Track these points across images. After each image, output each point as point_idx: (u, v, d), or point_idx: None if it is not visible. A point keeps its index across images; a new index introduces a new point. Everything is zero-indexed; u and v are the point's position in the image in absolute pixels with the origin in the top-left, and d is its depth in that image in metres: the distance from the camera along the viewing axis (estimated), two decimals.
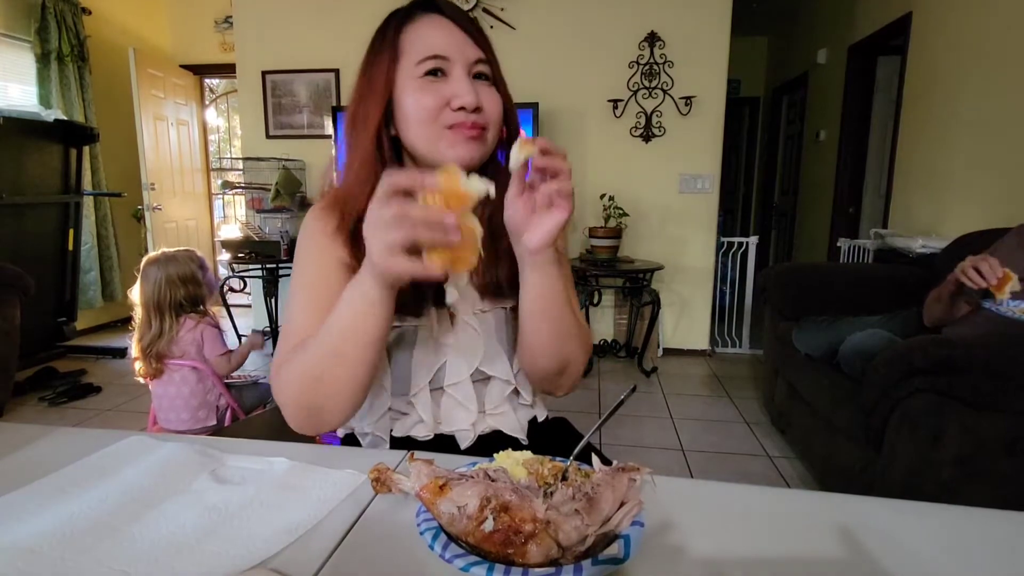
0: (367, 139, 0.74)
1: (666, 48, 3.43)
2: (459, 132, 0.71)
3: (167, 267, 1.80)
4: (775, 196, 5.75)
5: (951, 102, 2.90)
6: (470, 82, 0.71)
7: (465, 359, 0.80)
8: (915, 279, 2.34)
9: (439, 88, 0.71)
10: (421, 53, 0.71)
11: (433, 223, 0.50)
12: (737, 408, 2.79)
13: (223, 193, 4.13)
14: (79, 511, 0.55)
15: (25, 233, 3.18)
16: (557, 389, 0.81)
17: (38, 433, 0.74)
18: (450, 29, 0.72)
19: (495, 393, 0.83)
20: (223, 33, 4.57)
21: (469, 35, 0.72)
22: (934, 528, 0.55)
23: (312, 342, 0.65)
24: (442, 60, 0.70)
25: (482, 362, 0.80)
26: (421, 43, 0.71)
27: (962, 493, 1.42)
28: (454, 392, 0.80)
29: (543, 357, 0.74)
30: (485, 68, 0.73)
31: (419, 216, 0.51)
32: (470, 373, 0.80)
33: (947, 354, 1.40)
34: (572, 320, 0.73)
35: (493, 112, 0.73)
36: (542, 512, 0.44)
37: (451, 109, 0.70)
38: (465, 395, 0.81)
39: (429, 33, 0.72)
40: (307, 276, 0.76)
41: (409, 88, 0.71)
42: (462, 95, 0.69)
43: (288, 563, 0.48)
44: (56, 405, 2.78)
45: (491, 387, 0.83)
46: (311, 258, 0.77)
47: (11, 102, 3.45)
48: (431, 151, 0.72)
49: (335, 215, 0.76)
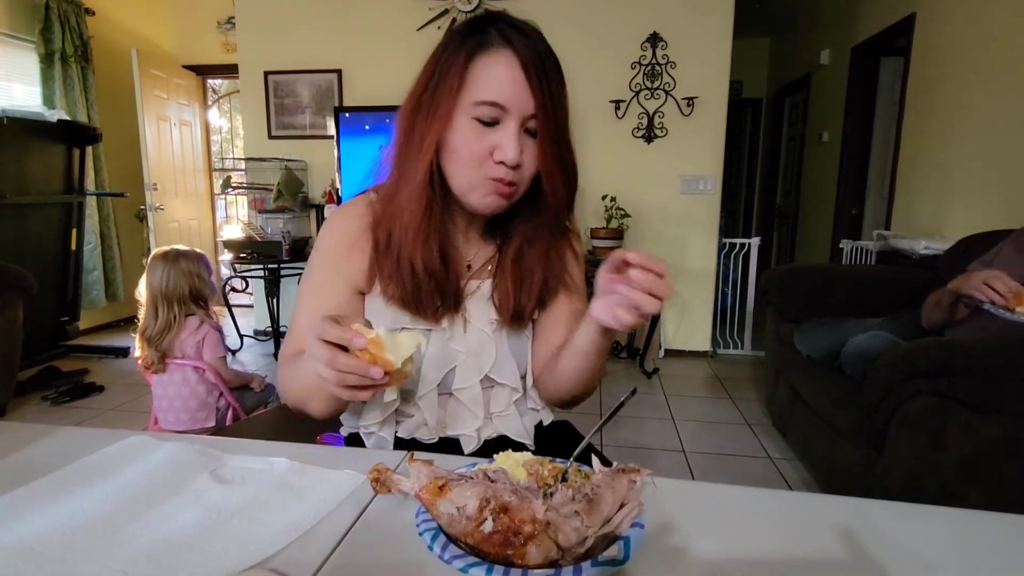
0: (423, 163, 0.72)
1: (668, 49, 3.43)
2: (495, 186, 0.71)
3: (177, 261, 1.83)
4: (777, 197, 5.74)
5: (954, 103, 2.89)
6: (518, 138, 0.69)
7: (475, 365, 0.81)
8: (918, 281, 2.33)
9: (488, 135, 0.70)
10: (481, 95, 0.69)
11: (360, 373, 0.55)
12: (739, 410, 2.79)
13: (225, 193, 4.14)
14: (80, 510, 0.55)
15: (28, 233, 3.19)
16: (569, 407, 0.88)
17: (40, 432, 0.74)
18: (517, 73, 0.68)
19: (502, 398, 0.84)
20: (225, 34, 4.58)
21: (535, 81, 0.69)
22: (936, 530, 0.55)
23: (299, 365, 0.71)
24: (499, 110, 0.69)
25: (492, 369, 0.81)
26: (486, 84, 0.69)
27: (963, 495, 1.42)
28: (462, 396, 0.81)
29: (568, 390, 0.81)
30: (534, 124, 0.70)
31: (345, 365, 0.55)
32: (479, 379, 0.81)
33: (949, 356, 1.40)
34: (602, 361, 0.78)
35: (529, 170, 0.72)
36: (541, 513, 0.43)
37: (493, 160, 0.70)
38: (473, 400, 0.81)
39: (495, 74, 0.69)
40: (316, 280, 0.80)
41: (462, 127, 0.70)
42: (507, 150, 0.69)
43: (288, 563, 0.48)
44: (58, 404, 2.79)
45: (498, 392, 0.84)
46: (325, 265, 0.80)
47: (15, 102, 3.46)
48: (464, 193, 0.73)
49: (370, 214, 0.78)
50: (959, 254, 2.16)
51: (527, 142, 0.71)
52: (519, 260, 0.80)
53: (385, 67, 3.63)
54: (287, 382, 0.76)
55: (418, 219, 0.73)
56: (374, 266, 0.77)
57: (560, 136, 0.74)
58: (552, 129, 0.72)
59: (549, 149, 0.72)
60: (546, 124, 0.71)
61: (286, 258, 3.45)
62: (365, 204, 0.80)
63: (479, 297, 0.82)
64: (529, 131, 0.71)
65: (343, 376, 0.55)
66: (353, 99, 3.69)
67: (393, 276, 0.76)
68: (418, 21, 3.52)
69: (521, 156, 0.70)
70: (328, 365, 0.55)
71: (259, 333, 4.05)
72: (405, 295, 0.76)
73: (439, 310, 0.78)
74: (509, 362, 0.83)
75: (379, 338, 0.56)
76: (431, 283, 0.75)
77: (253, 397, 2.01)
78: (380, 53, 3.59)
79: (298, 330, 0.78)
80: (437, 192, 0.74)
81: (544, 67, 0.70)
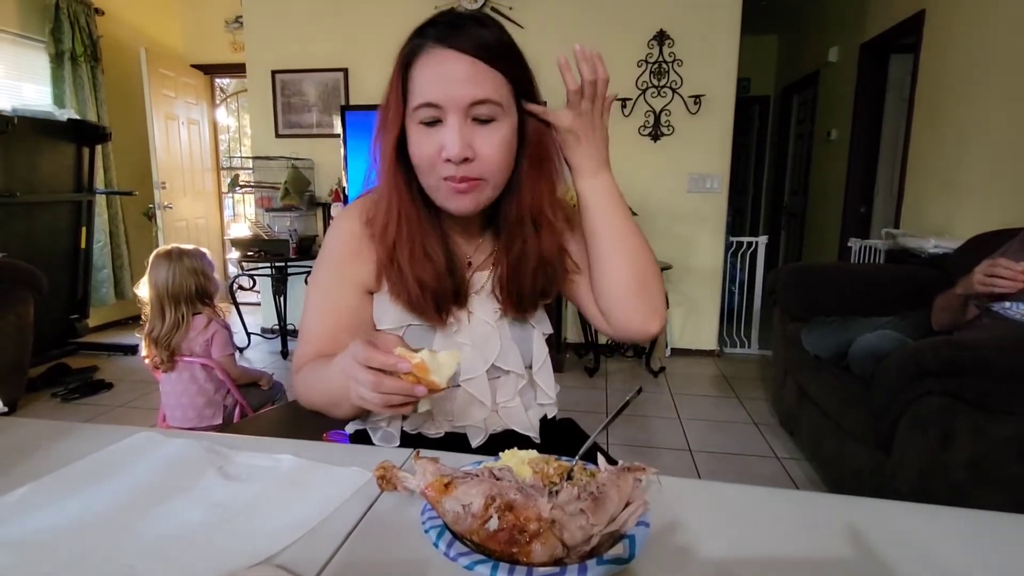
0: (387, 171, 0.74)
1: (675, 46, 3.41)
2: (452, 187, 0.70)
3: (180, 259, 1.82)
4: (785, 196, 5.71)
5: (964, 101, 2.86)
6: (460, 132, 0.67)
7: (481, 355, 0.82)
8: (927, 280, 2.32)
9: (434, 136, 0.69)
10: (417, 99, 0.69)
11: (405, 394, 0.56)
12: (745, 409, 2.78)
13: (233, 192, 4.16)
14: (89, 506, 0.55)
15: (39, 231, 3.21)
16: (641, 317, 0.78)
17: (50, 429, 0.75)
18: (453, 66, 0.67)
19: (508, 387, 0.85)
20: (233, 33, 4.60)
21: (475, 67, 0.67)
22: (946, 530, 0.54)
23: (323, 375, 0.70)
24: (435, 109, 0.68)
25: (497, 358, 0.82)
26: (420, 87, 0.69)
27: (973, 497, 1.41)
28: (469, 387, 0.82)
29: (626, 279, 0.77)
30: (484, 110, 0.68)
31: (391, 388, 0.56)
32: (486, 369, 0.82)
33: (958, 356, 1.39)
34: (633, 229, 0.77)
35: (490, 159, 0.69)
36: (547, 511, 0.43)
37: (442, 159, 0.69)
38: (480, 390, 0.82)
39: (429, 75, 0.68)
40: (325, 282, 0.80)
41: (412, 132, 0.71)
42: (448, 146, 0.67)
43: (294, 559, 0.48)
44: (68, 401, 2.81)
45: (504, 381, 0.85)
46: (333, 267, 0.80)
47: (25, 102, 3.48)
48: (434, 198, 0.74)
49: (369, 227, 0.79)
50: (969, 253, 2.13)
51: (478, 131, 0.69)
52: (511, 245, 0.79)
53: (391, 66, 3.62)
54: (308, 389, 0.75)
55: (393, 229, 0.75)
56: (380, 266, 0.78)
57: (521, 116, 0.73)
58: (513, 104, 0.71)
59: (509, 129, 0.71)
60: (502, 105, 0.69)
61: (293, 256, 3.46)
62: (370, 204, 0.80)
63: (482, 290, 0.83)
64: (480, 119, 0.69)
65: (388, 398, 0.56)
66: (359, 98, 3.69)
67: (398, 285, 0.77)
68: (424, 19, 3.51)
69: (472, 149, 0.68)
70: (374, 389, 0.56)
71: (266, 331, 4.07)
72: (411, 302, 0.77)
73: (442, 309, 0.78)
74: (513, 350, 0.84)
75: (424, 363, 0.56)
76: (434, 295, 0.76)
77: (260, 395, 2.01)
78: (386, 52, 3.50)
79: (310, 334, 0.79)
80: (412, 195, 0.75)
81: (485, 50, 0.68)
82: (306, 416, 0.78)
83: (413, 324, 0.79)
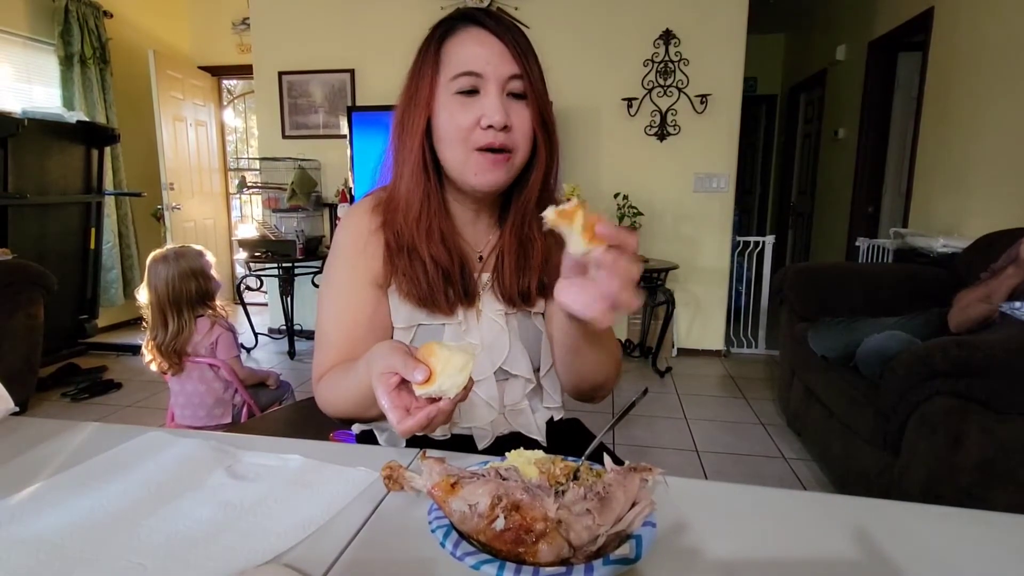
0: (415, 149, 0.75)
1: (681, 46, 3.40)
2: (485, 158, 0.71)
3: (178, 263, 1.79)
4: (792, 195, 5.68)
5: (973, 99, 2.84)
6: (501, 100, 0.70)
7: (489, 356, 0.81)
8: (935, 279, 2.30)
9: (471, 106, 0.71)
10: (456, 69, 0.71)
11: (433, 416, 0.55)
12: (752, 409, 2.77)
13: (240, 193, 4.18)
14: (98, 505, 0.56)
15: (49, 232, 3.24)
16: (592, 401, 0.84)
17: (60, 428, 0.75)
18: (489, 43, 0.71)
19: (516, 390, 0.84)
20: (240, 35, 4.62)
21: (509, 48, 0.71)
22: (954, 531, 0.54)
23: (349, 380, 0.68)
24: (475, 77, 0.70)
25: (506, 361, 0.81)
26: (457, 58, 0.71)
27: (983, 498, 1.40)
28: (478, 389, 0.81)
29: (576, 384, 0.79)
30: (519, 85, 0.72)
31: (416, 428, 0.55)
32: (493, 371, 0.81)
33: (967, 356, 1.38)
34: (605, 351, 0.75)
35: (521, 132, 0.72)
36: (553, 511, 0.43)
37: (480, 128, 0.70)
38: (487, 392, 0.82)
39: (466, 48, 0.72)
40: (337, 282, 0.80)
41: (445, 104, 0.72)
42: (490, 113, 0.69)
43: (301, 559, 0.49)
44: (78, 401, 2.84)
45: (512, 384, 0.85)
46: (345, 268, 0.80)
47: (35, 104, 3.51)
48: (460, 175, 0.74)
49: (379, 215, 0.79)
50: (978, 252, 2.12)
51: (512, 105, 0.72)
52: (516, 235, 0.80)
53: (398, 67, 3.56)
54: (332, 397, 0.74)
55: (416, 208, 0.75)
56: (387, 264, 0.78)
57: (543, 100, 0.75)
58: (540, 89, 0.74)
59: (535, 109, 0.73)
60: (532, 84, 0.73)
61: (300, 257, 3.47)
62: (375, 202, 0.81)
63: (492, 288, 0.82)
64: (514, 94, 0.72)
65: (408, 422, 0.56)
66: (366, 99, 3.70)
67: (407, 272, 0.76)
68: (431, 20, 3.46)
69: (509, 118, 0.70)
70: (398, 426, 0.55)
71: (273, 331, 4.09)
72: (420, 291, 0.76)
73: (453, 302, 0.78)
74: (523, 354, 0.83)
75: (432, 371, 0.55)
76: (443, 275, 0.76)
77: (268, 394, 2.02)
78: (393, 53, 3.60)
79: (327, 337, 0.79)
80: (433, 180, 0.76)
81: (515, 35, 0.73)
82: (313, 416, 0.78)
83: (423, 323, 0.79)
